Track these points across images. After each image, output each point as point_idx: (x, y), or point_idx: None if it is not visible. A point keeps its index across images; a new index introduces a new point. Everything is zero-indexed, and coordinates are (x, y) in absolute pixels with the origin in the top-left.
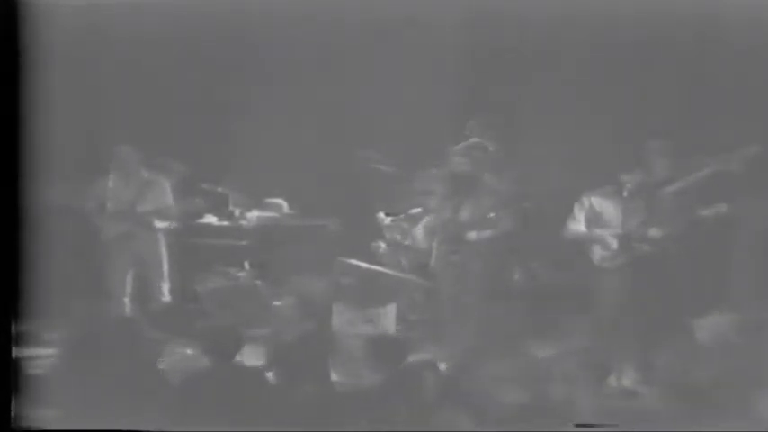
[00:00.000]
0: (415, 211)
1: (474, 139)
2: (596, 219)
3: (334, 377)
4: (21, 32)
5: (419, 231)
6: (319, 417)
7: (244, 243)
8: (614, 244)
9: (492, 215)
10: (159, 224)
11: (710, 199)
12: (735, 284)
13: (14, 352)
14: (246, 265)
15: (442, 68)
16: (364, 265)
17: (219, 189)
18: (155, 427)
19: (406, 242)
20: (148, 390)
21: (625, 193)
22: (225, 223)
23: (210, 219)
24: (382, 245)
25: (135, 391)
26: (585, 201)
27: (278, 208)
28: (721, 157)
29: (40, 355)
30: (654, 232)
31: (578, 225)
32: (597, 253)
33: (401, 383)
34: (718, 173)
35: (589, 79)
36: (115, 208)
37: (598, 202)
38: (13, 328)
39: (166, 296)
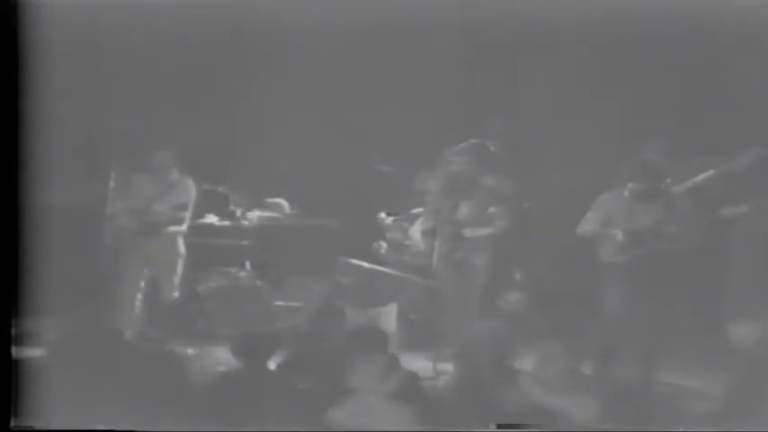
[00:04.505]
0: (416, 210)
1: (475, 139)
2: (597, 218)
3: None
4: (21, 32)
5: (420, 231)
6: (319, 416)
7: (245, 243)
8: (616, 240)
9: (492, 213)
10: (168, 225)
11: (713, 200)
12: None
13: (14, 352)
14: (248, 264)
15: (443, 69)
16: (365, 264)
17: (220, 189)
18: (156, 427)
19: (407, 242)
20: (149, 389)
21: (626, 193)
22: (226, 223)
23: (212, 219)
24: (383, 245)
25: (135, 390)
26: (587, 201)
27: (279, 208)
28: (724, 157)
29: (41, 355)
30: (657, 232)
31: (580, 225)
32: (600, 252)
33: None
34: (721, 173)
35: (589, 79)
36: (116, 207)
37: (600, 202)
38: (13, 327)
39: (168, 296)
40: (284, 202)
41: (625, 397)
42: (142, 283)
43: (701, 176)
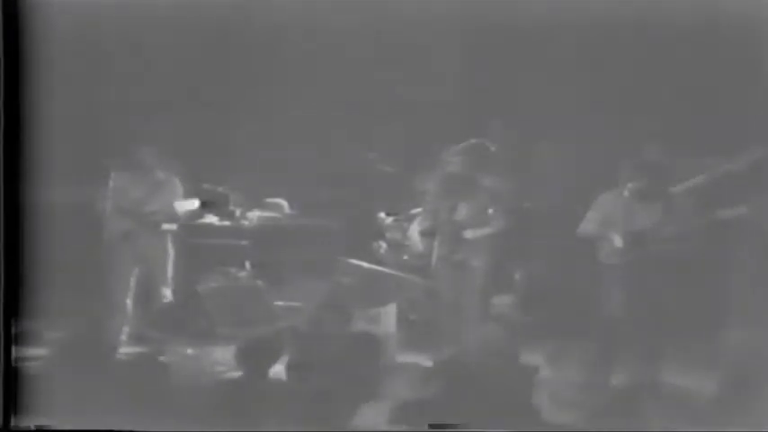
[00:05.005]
0: (416, 211)
1: (475, 139)
2: (597, 219)
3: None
4: (21, 32)
5: (419, 231)
6: (321, 416)
7: (244, 243)
8: (615, 245)
9: (491, 213)
10: (161, 224)
11: (713, 200)
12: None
13: (14, 352)
14: (247, 265)
15: (443, 69)
16: (365, 264)
17: (220, 189)
18: (156, 427)
19: (407, 242)
20: (149, 389)
21: (626, 193)
22: (226, 223)
23: (211, 219)
24: (383, 245)
25: (135, 390)
26: (587, 201)
27: (279, 208)
28: (724, 157)
29: (41, 355)
30: (656, 233)
31: (581, 225)
32: (599, 253)
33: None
34: (721, 173)
35: (589, 79)
36: (117, 207)
37: (600, 202)
38: (13, 327)
39: (167, 296)
40: (284, 202)
41: (624, 397)
42: (141, 284)
43: (701, 176)
